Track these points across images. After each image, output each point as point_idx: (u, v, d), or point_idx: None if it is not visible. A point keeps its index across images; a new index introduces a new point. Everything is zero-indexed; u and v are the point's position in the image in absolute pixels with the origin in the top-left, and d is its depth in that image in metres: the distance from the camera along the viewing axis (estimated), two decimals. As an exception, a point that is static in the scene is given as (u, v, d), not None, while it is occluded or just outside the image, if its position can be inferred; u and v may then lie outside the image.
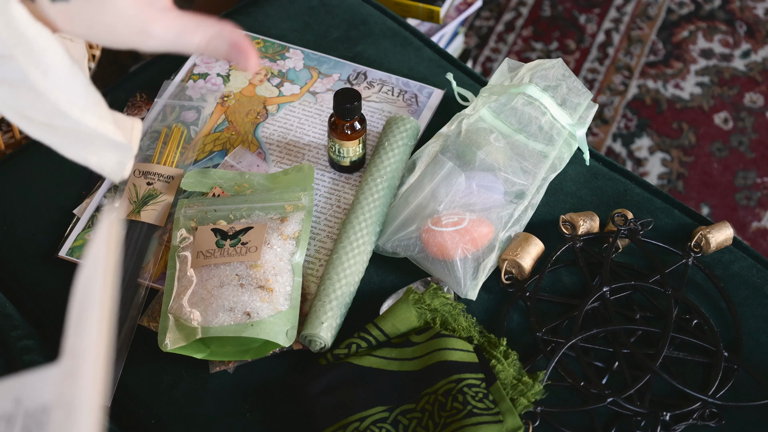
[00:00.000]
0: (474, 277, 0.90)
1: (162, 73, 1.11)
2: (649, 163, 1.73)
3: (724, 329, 0.89)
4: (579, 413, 0.83)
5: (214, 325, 0.83)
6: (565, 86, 1.01)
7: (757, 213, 1.66)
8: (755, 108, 1.81)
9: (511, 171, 0.95)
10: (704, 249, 0.93)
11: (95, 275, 0.40)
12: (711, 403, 0.83)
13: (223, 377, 0.86)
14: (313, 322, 0.85)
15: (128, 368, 0.87)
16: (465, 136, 0.98)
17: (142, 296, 0.90)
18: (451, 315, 0.87)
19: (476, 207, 0.92)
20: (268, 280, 0.86)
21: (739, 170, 1.72)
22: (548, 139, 0.99)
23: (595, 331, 0.86)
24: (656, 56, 1.90)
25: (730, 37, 1.92)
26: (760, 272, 0.93)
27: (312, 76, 1.09)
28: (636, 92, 1.84)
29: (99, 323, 0.39)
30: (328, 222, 0.96)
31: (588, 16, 1.97)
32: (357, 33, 1.15)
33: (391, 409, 0.81)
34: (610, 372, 0.86)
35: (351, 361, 0.83)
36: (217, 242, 0.88)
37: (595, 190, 1.00)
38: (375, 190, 0.94)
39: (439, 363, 0.82)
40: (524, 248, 0.91)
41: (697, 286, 0.92)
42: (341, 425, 0.80)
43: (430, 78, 1.10)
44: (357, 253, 0.90)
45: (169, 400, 0.86)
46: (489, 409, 0.80)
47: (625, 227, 0.93)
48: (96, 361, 0.38)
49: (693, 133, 1.77)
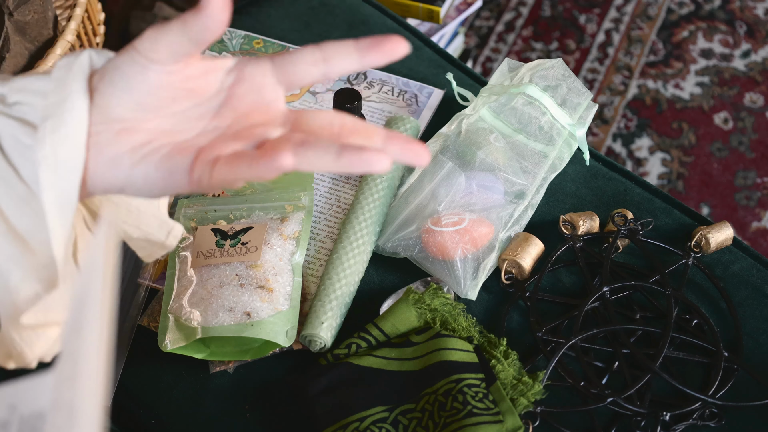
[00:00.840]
0: (474, 277, 0.90)
1: (162, 73, 1.11)
2: (649, 163, 1.73)
3: (724, 329, 0.89)
4: (579, 413, 0.83)
5: (214, 325, 0.83)
6: (565, 86, 1.01)
7: (757, 213, 1.66)
8: (755, 108, 1.81)
9: (511, 171, 0.95)
10: (704, 249, 0.93)
11: (94, 277, 0.40)
12: (711, 403, 0.83)
13: (223, 377, 0.86)
14: (313, 322, 0.85)
15: (128, 368, 0.87)
16: (465, 136, 0.98)
17: (142, 296, 0.90)
18: (451, 315, 0.87)
19: (476, 207, 0.92)
20: (268, 280, 0.86)
21: (739, 170, 1.72)
22: (548, 139, 0.99)
23: (595, 331, 0.86)
24: (656, 56, 1.90)
25: (730, 37, 1.92)
26: (760, 272, 0.93)
27: (312, 76, 1.09)
28: (636, 92, 1.84)
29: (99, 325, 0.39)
30: (328, 222, 0.96)
31: (588, 16, 1.97)
32: (357, 33, 1.15)
33: (391, 409, 0.81)
34: (610, 372, 0.86)
35: (351, 361, 0.83)
36: (217, 242, 0.88)
37: (595, 190, 1.00)
38: (375, 190, 0.94)
39: (439, 363, 0.82)
40: (524, 248, 0.91)
41: (697, 286, 0.92)
42: (341, 425, 0.80)
43: (430, 78, 1.10)
44: (357, 253, 0.90)
45: (169, 400, 0.86)
46: (489, 409, 0.80)
47: (625, 227, 0.93)
48: (97, 363, 0.38)
49: (693, 133, 1.77)
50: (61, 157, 0.50)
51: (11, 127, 0.51)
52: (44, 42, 1.05)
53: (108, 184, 0.52)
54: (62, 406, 0.39)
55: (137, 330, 0.88)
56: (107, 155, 0.51)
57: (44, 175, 0.50)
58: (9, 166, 0.51)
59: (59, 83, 0.51)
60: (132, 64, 0.50)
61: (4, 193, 0.51)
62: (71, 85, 0.51)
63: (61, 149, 0.50)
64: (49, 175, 0.50)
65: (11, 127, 0.51)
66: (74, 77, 0.51)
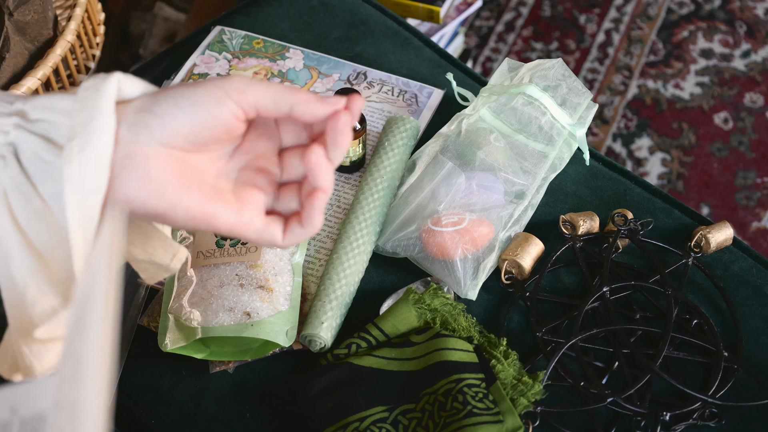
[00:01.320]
0: (474, 277, 0.90)
1: (162, 73, 1.11)
2: (649, 163, 1.73)
3: (724, 329, 0.89)
4: (579, 413, 0.83)
5: (214, 325, 0.83)
6: (565, 86, 1.01)
7: (757, 213, 1.66)
8: (755, 108, 1.81)
9: (511, 171, 0.95)
10: (704, 249, 0.93)
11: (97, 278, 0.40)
12: (711, 403, 0.83)
13: (223, 377, 0.86)
14: (313, 322, 0.85)
15: (128, 368, 0.87)
16: (465, 136, 0.98)
17: (142, 296, 0.90)
18: (451, 315, 0.87)
19: (476, 207, 0.92)
20: (268, 280, 0.86)
21: (739, 170, 1.72)
22: (548, 139, 0.99)
23: (595, 331, 0.86)
24: (656, 56, 1.90)
25: (730, 37, 1.92)
26: (760, 272, 0.93)
27: (312, 76, 1.09)
28: (636, 92, 1.84)
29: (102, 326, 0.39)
30: (328, 222, 0.96)
31: (588, 16, 1.97)
32: (357, 33, 1.15)
33: (391, 409, 0.81)
34: (610, 372, 0.86)
35: (351, 361, 0.83)
36: (217, 242, 0.89)
37: (595, 190, 1.00)
38: (375, 190, 0.94)
39: (439, 363, 0.82)
40: (524, 248, 0.91)
41: (697, 286, 0.92)
42: (341, 425, 0.80)
43: (430, 78, 1.10)
44: (357, 253, 0.90)
45: (169, 400, 0.86)
46: (489, 409, 0.80)
47: (625, 227, 0.93)
48: (100, 363, 0.38)
49: (693, 133, 1.77)
50: (86, 176, 0.51)
51: (32, 143, 0.52)
52: (44, 42, 1.05)
53: (149, 209, 0.53)
54: (65, 405, 0.39)
55: (137, 330, 0.88)
56: (155, 179, 0.52)
57: (70, 193, 0.51)
58: (27, 181, 0.52)
59: (86, 103, 0.52)
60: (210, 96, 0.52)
61: (22, 208, 0.52)
62: (99, 105, 0.52)
63: (87, 169, 0.50)
64: (74, 193, 0.51)
65: (32, 143, 0.52)
66: (102, 98, 0.52)
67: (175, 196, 0.52)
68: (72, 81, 1.11)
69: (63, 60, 1.07)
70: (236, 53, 1.11)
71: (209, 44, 1.12)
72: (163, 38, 1.74)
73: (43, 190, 0.52)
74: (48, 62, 1.03)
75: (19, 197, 0.52)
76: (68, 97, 0.52)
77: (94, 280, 0.40)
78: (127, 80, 0.54)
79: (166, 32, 1.74)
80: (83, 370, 0.38)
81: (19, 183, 0.52)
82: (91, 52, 1.17)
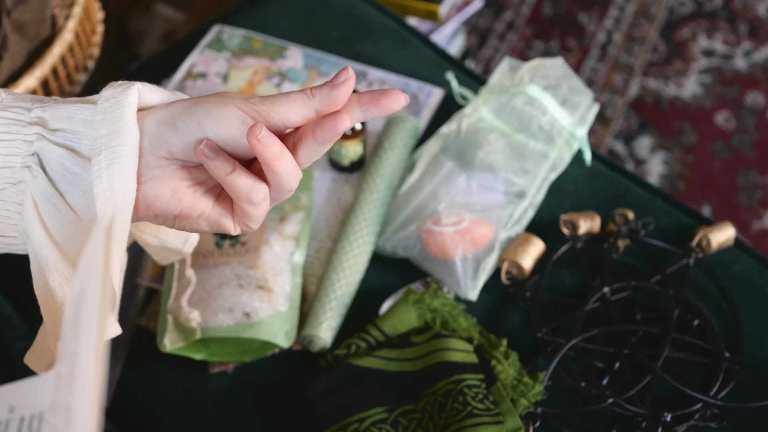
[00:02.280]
0: (474, 278, 0.89)
1: (161, 72, 1.11)
2: (650, 162, 1.73)
3: (726, 330, 0.89)
4: (580, 414, 0.83)
5: (213, 325, 0.83)
6: (566, 86, 1.01)
7: (759, 213, 1.65)
8: (757, 107, 1.80)
9: (511, 171, 0.95)
10: (706, 249, 0.93)
11: (91, 279, 0.40)
12: (712, 404, 0.83)
13: (222, 378, 0.86)
14: (313, 323, 0.85)
15: (128, 369, 0.86)
16: (465, 135, 0.97)
17: (141, 296, 0.90)
18: (451, 315, 0.86)
19: (476, 207, 0.92)
20: (268, 280, 0.86)
21: (740, 170, 1.71)
22: (549, 138, 0.98)
23: (596, 331, 0.86)
24: (658, 55, 1.89)
25: (732, 36, 1.92)
26: (762, 272, 0.93)
27: (311, 75, 1.09)
28: (637, 92, 1.83)
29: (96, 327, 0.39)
30: (328, 222, 0.96)
31: (589, 15, 1.97)
32: (357, 32, 1.15)
33: (391, 410, 0.81)
34: (611, 373, 0.85)
35: (351, 362, 0.83)
36: (217, 242, 0.88)
37: (596, 190, 0.99)
38: (375, 190, 0.94)
39: (439, 363, 0.82)
40: (524, 248, 0.90)
41: (698, 286, 0.92)
42: (341, 426, 0.80)
43: (430, 77, 1.09)
44: (357, 253, 0.90)
45: (169, 401, 0.85)
46: (489, 409, 0.79)
47: (626, 227, 0.92)
48: (94, 364, 0.38)
49: (694, 133, 1.77)
50: (117, 190, 0.52)
51: (58, 155, 0.53)
52: (42, 41, 1.05)
53: (168, 212, 0.55)
54: (60, 406, 0.39)
55: (137, 330, 0.88)
56: (170, 187, 0.55)
57: (101, 207, 0.52)
58: (57, 192, 0.53)
59: (109, 115, 0.53)
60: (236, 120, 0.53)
61: (54, 218, 0.54)
62: (122, 118, 0.53)
63: (117, 182, 0.52)
64: (105, 209, 0.52)
65: (58, 155, 0.53)
66: (124, 110, 0.53)
67: (189, 201, 0.55)
68: (70, 80, 1.11)
69: (61, 59, 1.07)
70: (235, 52, 1.11)
71: (208, 43, 1.12)
72: (162, 37, 1.74)
73: (71, 201, 0.53)
74: (46, 61, 1.03)
75: (50, 209, 0.54)
76: (88, 107, 0.54)
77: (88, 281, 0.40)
78: (146, 89, 0.55)
79: (165, 31, 1.74)
80: (77, 372, 0.38)
81: (49, 195, 0.53)
82: (90, 51, 1.17)
